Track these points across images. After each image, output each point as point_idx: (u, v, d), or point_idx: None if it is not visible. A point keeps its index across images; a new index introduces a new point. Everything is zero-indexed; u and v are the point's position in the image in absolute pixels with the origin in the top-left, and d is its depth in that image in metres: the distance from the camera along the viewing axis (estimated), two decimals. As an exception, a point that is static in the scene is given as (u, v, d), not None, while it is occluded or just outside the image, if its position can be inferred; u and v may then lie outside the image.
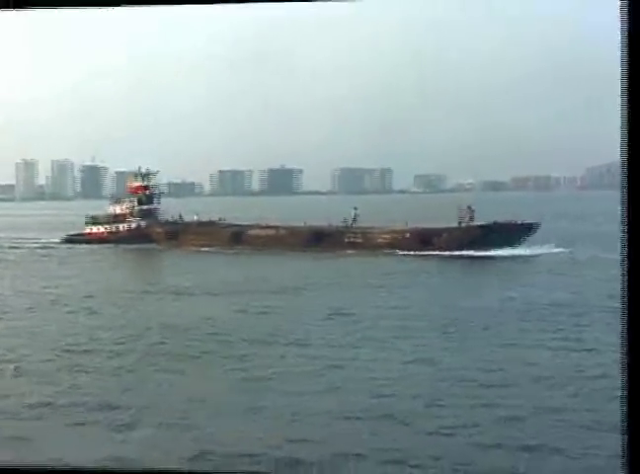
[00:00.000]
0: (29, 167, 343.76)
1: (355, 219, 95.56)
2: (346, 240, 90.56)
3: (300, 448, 25.30)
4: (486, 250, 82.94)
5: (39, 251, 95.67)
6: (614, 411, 25.12)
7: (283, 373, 34.83)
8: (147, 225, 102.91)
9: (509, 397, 31.11)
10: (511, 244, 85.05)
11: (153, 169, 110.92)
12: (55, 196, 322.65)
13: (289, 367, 35.89)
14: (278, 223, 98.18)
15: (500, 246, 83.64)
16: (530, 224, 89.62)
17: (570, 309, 50.16)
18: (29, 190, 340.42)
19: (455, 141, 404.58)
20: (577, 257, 79.27)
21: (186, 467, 23.31)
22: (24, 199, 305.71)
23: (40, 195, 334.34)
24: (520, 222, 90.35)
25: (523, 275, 70.69)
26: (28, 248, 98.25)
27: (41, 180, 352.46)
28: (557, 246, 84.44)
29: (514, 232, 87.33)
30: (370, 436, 26.50)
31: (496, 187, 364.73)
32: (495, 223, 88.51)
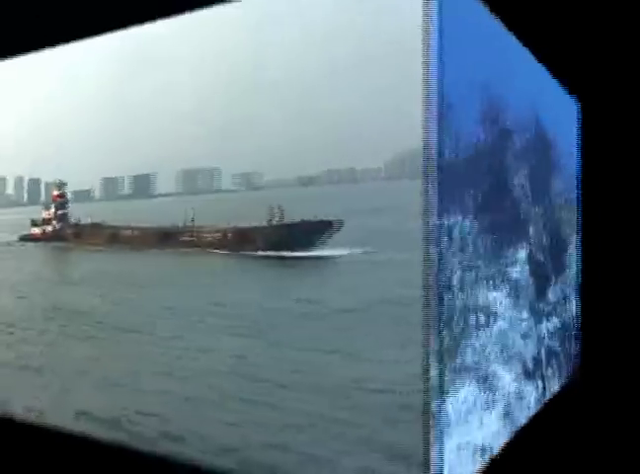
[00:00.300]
0: (0, 182, 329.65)
1: (192, 219, 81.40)
2: (184, 239, 77.80)
3: (142, 420, 26.86)
4: (292, 249, 64.55)
5: (3, 248, 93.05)
6: (385, 428, 26.03)
7: (138, 358, 36.47)
8: (61, 227, 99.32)
9: (289, 400, 28.84)
10: (315, 243, 66.48)
11: (65, 179, 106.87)
12: (18, 203, 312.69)
13: (143, 353, 36.97)
14: (136, 224, 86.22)
15: (305, 245, 64.90)
16: (331, 222, 67.26)
17: (360, 314, 39.97)
18: (1, 198, 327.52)
19: (278, 136, 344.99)
20: (376, 258, 57.75)
21: (70, 425, 26.01)
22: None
23: (11, 202, 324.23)
24: (323, 220, 67.53)
25: (323, 276, 54.38)
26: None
27: (10, 191, 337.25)
28: (356, 245, 60.14)
29: (318, 230, 67.44)
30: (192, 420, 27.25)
31: (311, 181, 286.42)
32: (301, 222, 69.81)
